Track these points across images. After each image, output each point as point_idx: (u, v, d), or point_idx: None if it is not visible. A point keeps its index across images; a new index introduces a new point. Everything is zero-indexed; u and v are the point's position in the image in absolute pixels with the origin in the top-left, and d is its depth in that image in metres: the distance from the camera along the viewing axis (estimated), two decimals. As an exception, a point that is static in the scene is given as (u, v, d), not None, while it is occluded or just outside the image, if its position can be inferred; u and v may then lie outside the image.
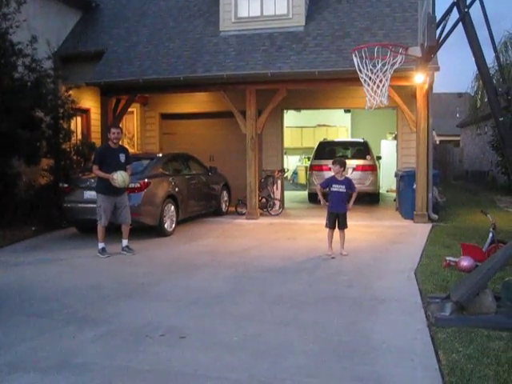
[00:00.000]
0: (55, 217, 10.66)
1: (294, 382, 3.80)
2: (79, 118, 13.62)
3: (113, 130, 8.71)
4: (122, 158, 8.61)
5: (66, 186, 10.15)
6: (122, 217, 8.59)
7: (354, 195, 8.29)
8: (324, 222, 8.38)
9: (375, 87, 6.47)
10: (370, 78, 6.50)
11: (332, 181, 8.25)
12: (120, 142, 9.05)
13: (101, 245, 8.44)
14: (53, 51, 11.92)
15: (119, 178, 8.28)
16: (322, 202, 8.42)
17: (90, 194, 9.24)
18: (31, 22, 11.36)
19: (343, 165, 8.33)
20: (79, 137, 13.04)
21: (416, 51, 6.20)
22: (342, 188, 8.15)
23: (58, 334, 4.87)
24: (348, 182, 8.25)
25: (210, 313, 5.48)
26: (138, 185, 9.44)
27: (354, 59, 6.63)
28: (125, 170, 8.54)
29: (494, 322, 4.79)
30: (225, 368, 4.07)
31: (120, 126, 10.01)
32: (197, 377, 3.94)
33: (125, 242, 8.59)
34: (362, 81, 6.62)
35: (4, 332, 4.95)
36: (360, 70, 6.60)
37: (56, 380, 3.92)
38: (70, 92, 11.81)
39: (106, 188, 8.40)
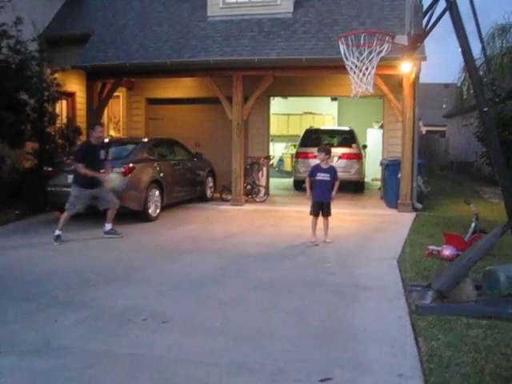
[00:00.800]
0: (39, 200, 10.54)
1: (274, 367, 3.82)
2: (64, 102, 13.48)
3: (99, 129, 8.55)
4: (102, 154, 8.53)
5: (50, 169, 10.07)
6: (108, 202, 8.53)
7: (337, 184, 8.28)
8: (308, 209, 8.40)
9: (361, 75, 6.45)
10: (356, 66, 6.47)
11: (317, 169, 8.25)
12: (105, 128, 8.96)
13: (58, 232, 8.14)
14: (38, 33, 11.73)
15: (115, 180, 8.32)
16: (307, 194, 8.35)
17: (74, 178, 9.17)
18: (16, 2, 11.10)
19: (328, 152, 8.35)
20: (64, 120, 12.87)
21: (402, 39, 6.19)
22: (326, 177, 8.14)
23: (39, 318, 4.85)
24: (332, 171, 8.25)
25: (192, 298, 5.49)
26: (123, 169, 9.37)
27: (341, 46, 6.60)
28: (103, 165, 8.51)
29: (474, 310, 4.85)
30: (206, 353, 4.08)
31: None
32: (178, 361, 3.95)
33: (108, 226, 8.55)
34: (348, 68, 6.59)
35: (-16, 315, 4.92)
36: (346, 58, 6.57)
37: (36, 363, 3.91)
38: (56, 75, 11.64)
39: (84, 182, 8.28)
